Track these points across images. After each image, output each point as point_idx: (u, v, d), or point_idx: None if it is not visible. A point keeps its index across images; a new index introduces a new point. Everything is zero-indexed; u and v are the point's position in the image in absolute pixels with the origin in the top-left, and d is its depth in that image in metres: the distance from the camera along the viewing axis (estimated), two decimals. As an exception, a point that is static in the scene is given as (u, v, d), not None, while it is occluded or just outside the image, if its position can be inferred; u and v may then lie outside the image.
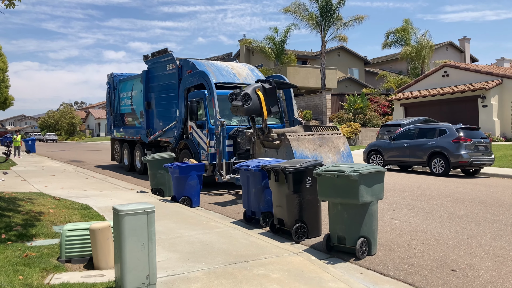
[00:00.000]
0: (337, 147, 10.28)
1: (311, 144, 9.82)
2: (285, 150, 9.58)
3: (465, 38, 44.67)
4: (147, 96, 15.37)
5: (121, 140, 18.23)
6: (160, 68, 14.59)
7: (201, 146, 12.09)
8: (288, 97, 13.60)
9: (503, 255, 5.70)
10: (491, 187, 11.53)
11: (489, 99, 23.96)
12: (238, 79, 13.15)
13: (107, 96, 18.95)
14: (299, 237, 6.51)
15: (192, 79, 12.58)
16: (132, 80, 17.02)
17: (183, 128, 13.03)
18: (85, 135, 76.23)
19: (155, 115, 15.12)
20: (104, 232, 5.07)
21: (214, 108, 11.38)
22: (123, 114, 18.01)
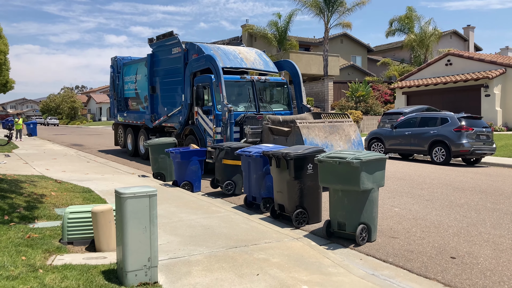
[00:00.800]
0: (348, 135, 10.00)
1: (321, 132, 9.61)
2: (294, 138, 9.39)
3: (469, 26, 44.30)
4: (151, 80, 15.12)
5: (124, 124, 18.01)
6: (165, 51, 14.34)
7: (207, 132, 11.87)
8: (296, 83, 13.32)
9: (502, 243, 5.74)
10: (492, 176, 11.55)
11: (492, 89, 23.85)
12: (245, 63, 12.86)
13: (110, 80, 18.69)
14: (299, 222, 6.55)
15: (198, 63, 12.30)
16: (137, 63, 16.74)
17: (189, 113, 12.80)
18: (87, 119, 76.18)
19: (160, 100, 14.90)
20: (106, 214, 5.10)
21: (221, 93, 11.14)
22: (127, 99, 17.78)
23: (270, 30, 35.02)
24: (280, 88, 13.21)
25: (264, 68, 13.26)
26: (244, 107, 11.97)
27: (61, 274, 4.16)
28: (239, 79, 12.11)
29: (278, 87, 13.20)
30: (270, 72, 13.39)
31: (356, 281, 4.41)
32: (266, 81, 12.66)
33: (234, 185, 8.91)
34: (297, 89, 13.29)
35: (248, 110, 11.87)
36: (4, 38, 7.70)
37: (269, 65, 13.49)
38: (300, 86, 13.20)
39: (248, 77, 12.27)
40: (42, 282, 3.94)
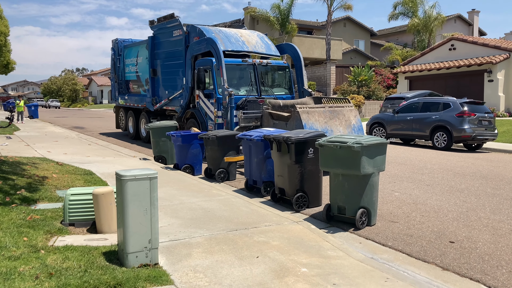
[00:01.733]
0: (348, 120, 9.89)
1: (321, 117, 9.51)
2: (294, 123, 9.31)
3: (474, 10, 43.75)
4: (152, 63, 14.99)
5: (126, 107, 17.91)
6: (166, 34, 14.18)
7: (208, 116, 11.78)
8: (298, 67, 13.16)
9: (501, 228, 5.76)
10: (493, 162, 11.55)
11: (496, 74, 23.66)
12: (247, 47, 12.68)
13: (111, 63, 18.51)
14: (299, 206, 6.58)
15: (199, 46, 12.17)
16: (138, 46, 16.58)
17: (190, 97, 12.70)
18: (88, 102, 76.05)
19: (161, 83, 14.78)
20: (107, 197, 5.13)
21: (222, 77, 11.02)
22: (128, 81, 17.63)
23: (272, 13, 34.67)
24: (282, 72, 13.04)
25: (266, 51, 13.08)
26: (246, 91, 11.83)
27: (62, 255, 4.20)
28: (241, 62, 11.95)
29: (280, 71, 13.05)
30: (272, 55, 13.19)
31: (355, 264, 4.44)
32: (268, 65, 12.49)
33: (227, 173, 8.87)
34: (299, 73, 13.14)
35: (249, 94, 11.73)
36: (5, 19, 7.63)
37: (271, 49, 13.32)
38: (301, 70, 13.05)
39: (249, 60, 12.14)
40: (44, 263, 3.98)
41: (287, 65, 12.98)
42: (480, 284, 4.15)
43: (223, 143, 8.79)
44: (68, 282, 3.60)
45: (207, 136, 8.83)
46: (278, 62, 12.89)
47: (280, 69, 13.01)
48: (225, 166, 8.85)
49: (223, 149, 8.80)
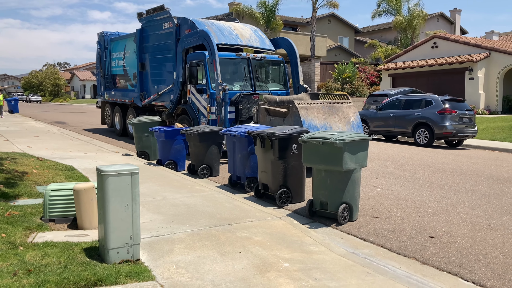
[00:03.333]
0: (347, 117, 9.62)
1: (320, 113, 9.20)
2: (292, 119, 9.02)
3: (456, 9, 44.39)
4: (141, 57, 14.56)
5: (112, 103, 17.43)
6: (155, 27, 13.75)
7: (201, 111, 11.41)
8: (293, 62, 12.87)
9: (479, 223, 5.88)
10: (473, 158, 11.76)
11: (476, 72, 24.07)
12: (241, 40, 12.28)
13: (97, 56, 18.01)
14: (282, 202, 6.61)
15: (191, 39, 11.74)
16: (125, 39, 16.12)
17: (181, 92, 12.31)
18: (70, 96, 74.95)
19: (149, 78, 14.37)
20: (88, 192, 5.07)
21: (215, 71, 10.65)
22: (114, 76, 17.17)
23: (258, 9, 34.60)
24: (276, 67, 12.74)
25: (260, 45, 12.72)
26: (240, 86, 11.47)
27: (42, 252, 4.14)
28: (235, 56, 11.59)
29: (274, 66, 12.73)
30: (266, 49, 12.83)
31: (337, 259, 4.48)
32: (263, 59, 12.15)
33: (210, 169, 8.84)
34: (294, 68, 12.84)
35: (243, 90, 11.39)
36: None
37: (265, 43, 12.98)
38: (297, 65, 12.74)
39: (243, 54, 11.80)
40: (23, 259, 3.92)
41: (281, 59, 12.68)
42: (458, 278, 4.23)
43: (206, 138, 8.77)
44: (47, 278, 3.55)
45: (190, 132, 8.79)
46: (272, 57, 12.56)
47: (274, 64, 12.70)
48: (208, 162, 8.83)
49: (206, 145, 8.78)
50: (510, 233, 5.47)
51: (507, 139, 15.16)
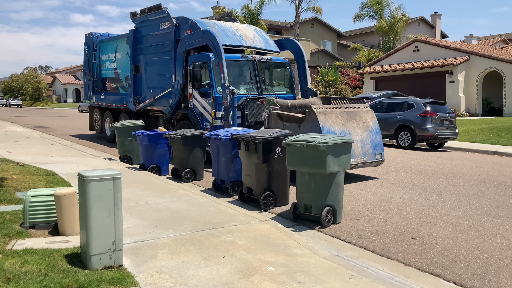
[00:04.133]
0: (366, 122, 9.10)
1: (338, 118, 8.70)
2: (309, 125, 8.50)
3: (436, 13, 45.16)
4: (134, 59, 13.74)
5: (101, 107, 16.49)
6: (151, 27, 13.00)
7: (205, 117, 10.70)
8: (301, 64, 12.32)
9: (460, 224, 5.97)
10: (454, 160, 11.95)
11: (456, 75, 24.51)
12: (245, 41, 11.63)
13: (84, 59, 17.09)
14: (267, 205, 6.61)
15: (194, 40, 11.01)
16: (116, 40, 15.35)
17: (181, 96, 11.58)
18: (52, 100, 73.82)
19: (144, 81, 13.58)
20: (69, 198, 4.99)
21: (222, 74, 9.98)
22: (104, 79, 16.36)
23: (242, 13, 34.71)
24: (282, 69, 12.18)
25: (264, 46, 12.08)
26: (245, 90, 10.80)
27: (21, 259, 4.06)
28: (240, 58, 10.98)
29: (280, 68, 12.18)
30: (271, 51, 12.27)
31: (321, 262, 4.50)
32: (268, 61, 11.55)
33: (194, 173, 8.78)
34: (302, 71, 12.28)
35: (249, 93, 10.73)
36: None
37: (270, 44, 12.39)
38: (305, 68, 12.21)
39: (249, 56, 11.17)
40: (1, 267, 3.83)
41: (287, 61, 12.16)
42: (439, 279, 4.29)
43: (190, 142, 8.73)
44: (27, 286, 3.49)
45: (173, 135, 8.74)
46: (278, 59, 12.02)
47: (280, 66, 12.17)
48: (192, 166, 8.79)
49: (190, 149, 8.74)
50: (490, 233, 5.56)
51: (487, 141, 15.45)
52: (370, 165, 8.93)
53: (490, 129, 17.11)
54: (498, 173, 9.85)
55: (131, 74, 13.88)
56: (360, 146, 8.63)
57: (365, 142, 8.78)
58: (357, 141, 8.50)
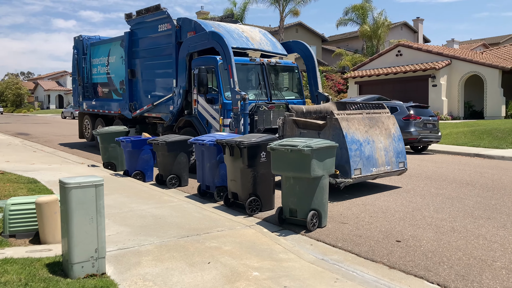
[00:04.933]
0: (388, 129, 8.60)
1: (361, 125, 8.14)
2: (331, 132, 7.93)
3: (418, 18, 45.79)
4: (130, 63, 13.04)
5: (93, 114, 15.82)
6: (148, 29, 12.37)
7: (211, 124, 10.11)
8: (311, 67, 11.82)
9: (443, 226, 6.03)
10: (437, 163, 12.09)
11: (439, 79, 24.87)
12: (252, 44, 11.07)
13: (73, 63, 16.43)
14: (252, 210, 6.59)
15: (199, 43, 10.36)
16: (109, 44, 14.71)
17: (183, 102, 11.02)
18: (34, 107, 72.72)
19: (141, 86, 12.91)
20: (51, 206, 4.91)
21: (231, 78, 9.38)
22: (96, 84, 15.59)
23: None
24: (291, 73, 11.60)
25: (272, 49, 11.52)
26: (254, 95, 10.24)
27: (1, 269, 3.97)
28: (249, 61, 10.41)
29: (288, 72, 11.60)
30: (279, 54, 11.64)
31: (306, 266, 4.50)
32: (277, 65, 10.99)
33: (178, 179, 8.70)
34: (312, 75, 11.80)
35: (258, 99, 10.19)
36: None
37: (277, 47, 11.86)
38: (315, 71, 11.71)
39: (257, 59, 10.60)
40: (-20, 278, 3.74)
41: (296, 65, 11.66)
42: (423, 281, 4.32)
43: (175, 148, 8.68)
44: (7, 297, 3.41)
45: (158, 141, 8.68)
46: (287, 62, 11.49)
47: (288, 70, 11.59)
48: (177, 171, 8.73)
49: (175, 154, 8.68)
50: (472, 235, 5.63)
51: (469, 144, 15.68)
52: (393, 174, 8.53)
53: (472, 132, 17.38)
54: (480, 175, 10.00)
55: (126, 79, 13.24)
56: (383, 154, 8.18)
57: (389, 150, 8.34)
58: (380, 149, 8.12)
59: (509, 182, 9.14)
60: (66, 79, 74.80)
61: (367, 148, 7.89)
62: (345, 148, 7.55)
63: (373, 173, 7.95)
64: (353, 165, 7.57)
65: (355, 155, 7.63)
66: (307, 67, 11.98)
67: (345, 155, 7.56)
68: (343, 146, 7.55)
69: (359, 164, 7.68)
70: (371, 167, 7.89)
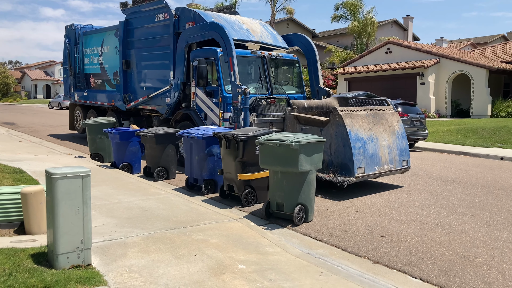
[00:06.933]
0: (392, 126, 8.40)
1: (365, 122, 7.91)
2: (334, 129, 7.74)
3: (408, 16, 46.03)
4: (125, 53, 12.68)
5: (85, 105, 15.48)
6: (144, 19, 12.01)
7: (210, 118, 9.80)
8: (312, 61, 11.49)
9: (427, 222, 6.12)
10: (423, 160, 12.23)
11: (427, 77, 25.08)
12: (253, 36, 10.76)
13: (65, 52, 16.00)
14: (248, 202, 6.70)
15: (198, 34, 10.05)
16: (102, 33, 14.24)
17: (180, 94, 10.71)
18: (21, 96, 71.69)
19: (135, 77, 12.54)
20: (36, 196, 4.87)
21: (232, 71, 9.07)
22: (88, 75, 15.19)
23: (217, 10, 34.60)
24: (291, 67, 11.33)
25: (273, 42, 11.24)
26: (255, 89, 9.90)
27: (-15, 259, 3.94)
28: (250, 54, 10.06)
29: (289, 66, 11.33)
30: (280, 47, 11.34)
31: (292, 259, 4.53)
32: (278, 58, 10.70)
33: (166, 171, 8.68)
34: (313, 69, 11.51)
35: (259, 93, 9.84)
36: None
37: (278, 39, 11.57)
38: (316, 65, 11.41)
39: (258, 52, 10.28)
40: (-37, 267, 3.71)
41: (297, 59, 11.33)
42: (407, 275, 4.39)
43: (163, 140, 8.65)
44: (-9, 286, 3.39)
45: (146, 133, 8.64)
46: (288, 56, 11.17)
47: (289, 64, 11.28)
48: (165, 164, 8.71)
49: (163, 147, 8.66)
50: (455, 231, 5.73)
51: (455, 142, 15.88)
52: (396, 172, 8.39)
53: (458, 130, 17.59)
54: (465, 173, 10.15)
55: (121, 70, 12.86)
56: (387, 152, 8.02)
57: (392, 148, 8.16)
58: (384, 147, 7.96)
59: (493, 180, 9.30)
60: (54, 69, 73.86)
61: (371, 146, 7.71)
62: (349, 146, 7.38)
63: (377, 172, 7.78)
64: (357, 164, 7.37)
65: (359, 153, 7.44)
66: (308, 61, 11.69)
67: (348, 153, 7.41)
68: (346, 144, 7.42)
69: (363, 162, 7.49)
70: (375, 165, 7.72)
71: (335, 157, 7.66)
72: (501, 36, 50.81)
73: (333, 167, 7.61)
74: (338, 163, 7.57)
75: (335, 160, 7.65)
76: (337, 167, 7.55)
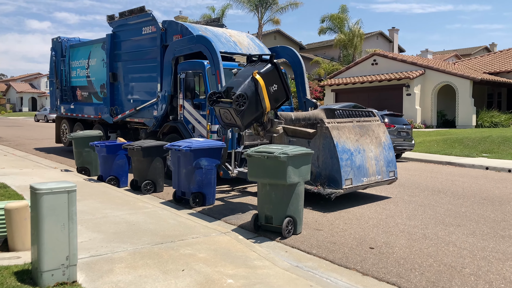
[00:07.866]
0: (378, 137, 8.41)
1: (352, 133, 7.93)
2: (321, 141, 7.71)
3: (394, 28, 46.75)
4: (112, 66, 12.70)
5: (71, 118, 15.46)
6: (131, 31, 12.12)
7: (198, 130, 9.81)
8: (299, 73, 11.59)
9: (415, 233, 6.15)
10: (410, 171, 12.33)
11: (413, 88, 25.41)
12: (240, 48, 10.89)
13: (51, 65, 15.97)
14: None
15: (185, 46, 10.14)
16: (89, 46, 14.29)
17: (168, 107, 10.74)
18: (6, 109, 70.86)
19: (122, 90, 12.56)
20: (20, 212, 4.79)
21: (219, 83, 9.16)
22: (74, 87, 15.18)
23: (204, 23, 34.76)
24: None
25: None
26: None
27: (-33, 277, 3.85)
28: (237, 66, 10.03)
29: None
30: None
31: (281, 273, 4.51)
32: None
33: (154, 184, 8.62)
34: (300, 80, 11.58)
35: None
36: None
37: (265, 52, 11.67)
38: (303, 77, 11.51)
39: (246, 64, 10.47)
40: None
41: (284, 71, 11.04)
42: (395, 287, 4.39)
43: (150, 153, 8.59)
44: (-28, 306, 3.30)
45: (133, 146, 8.58)
46: None
47: None
48: (152, 177, 8.65)
49: (150, 160, 8.60)
50: (443, 242, 5.76)
51: (441, 152, 16.06)
52: (384, 183, 8.40)
53: (444, 140, 17.80)
54: (451, 183, 10.25)
55: (108, 83, 12.88)
56: (374, 163, 8.04)
57: (379, 159, 8.19)
58: (371, 158, 7.98)
59: (479, 190, 9.40)
60: (40, 81, 73.25)
61: (358, 157, 7.73)
62: (336, 157, 7.39)
63: (364, 183, 7.79)
64: (344, 175, 7.36)
65: (346, 164, 7.45)
66: (295, 73, 11.80)
67: (335, 164, 7.40)
68: (333, 155, 7.43)
69: (350, 174, 7.50)
70: (362, 177, 7.73)
71: (322, 169, 7.67)
72: (484, 47, 51.84)
73: (321, 179, 7.61)
74: (326, 175, 7.58)
75: (323, 172, 7.66)
76: (325, 179, 7.55)
